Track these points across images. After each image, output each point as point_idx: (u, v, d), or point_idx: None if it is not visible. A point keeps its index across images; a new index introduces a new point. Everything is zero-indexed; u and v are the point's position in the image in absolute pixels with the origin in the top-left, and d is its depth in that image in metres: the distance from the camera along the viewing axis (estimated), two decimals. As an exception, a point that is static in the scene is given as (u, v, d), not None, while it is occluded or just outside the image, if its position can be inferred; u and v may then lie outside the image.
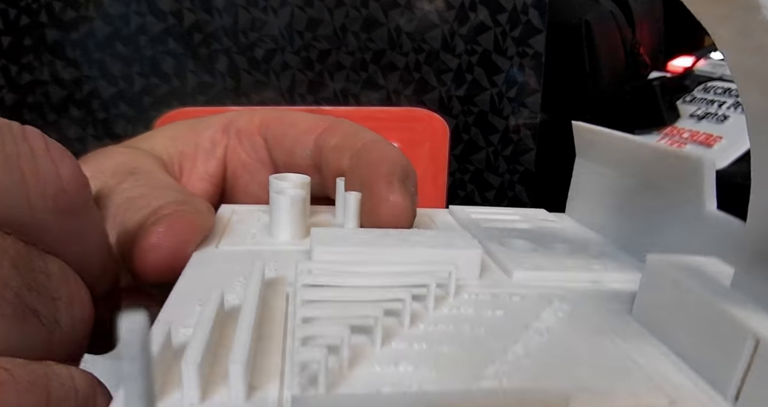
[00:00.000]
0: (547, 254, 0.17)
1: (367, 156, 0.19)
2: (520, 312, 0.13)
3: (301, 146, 0.22)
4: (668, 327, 0.12)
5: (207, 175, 0.23)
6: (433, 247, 0.15)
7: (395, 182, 0.18)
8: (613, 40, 0.69)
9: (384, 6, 0.59)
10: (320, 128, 0.22)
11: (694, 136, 0.58)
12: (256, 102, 0.60)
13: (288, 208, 0.17)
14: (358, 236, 0.15)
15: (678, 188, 0.17)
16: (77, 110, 0.61)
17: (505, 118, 0.62)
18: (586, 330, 0.13)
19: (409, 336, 0.12)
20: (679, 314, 0.12)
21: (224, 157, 0.24)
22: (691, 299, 0.12)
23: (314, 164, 0.22)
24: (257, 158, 0.24)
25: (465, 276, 0.15)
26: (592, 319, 0.13)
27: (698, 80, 0.64)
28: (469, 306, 0.14)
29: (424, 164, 0.48)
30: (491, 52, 0.60)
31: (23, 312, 0.11)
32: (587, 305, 0.14)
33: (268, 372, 0.10)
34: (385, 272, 0.13)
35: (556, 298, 0.14)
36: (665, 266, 0.13)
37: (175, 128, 0.24)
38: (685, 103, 0.63)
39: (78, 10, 0.58)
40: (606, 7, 0.68)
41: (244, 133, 0.24)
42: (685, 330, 0.12)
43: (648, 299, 0.13)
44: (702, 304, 0.11)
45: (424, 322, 0.13)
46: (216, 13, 0.59)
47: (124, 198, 0.17)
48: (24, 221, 0.12)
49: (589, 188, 0.22)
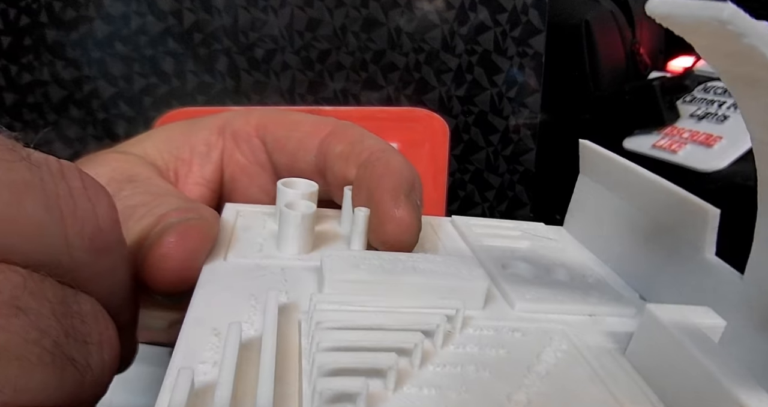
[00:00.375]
0: (548, 283, 0.18)
1: (373, 169, 0.19)
2: (521, 352, 0.14)
3: (304, 150, 0.22)
4: (659, 376, 0.13)
5: (203, 180, 0.23)
6: (442, 278, 0.16)
7: (401, 196, 0.18)
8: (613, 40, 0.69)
9: (384, 6, 0.59)
10: (324, 131, 0.21)
11: (694, 136, 0.58)
12: (256, 102, 0.60)
13: (298, 224, 0.18)
14: (367, 261, 0.16)
15: (680, 230, 0.17)
16: (77, 110, 0.61)
17: (505, 118, 0.62)
18: (582, 375, 0.14)
19: (419, 378, 0.13)
20: (669, 367, 0.13)
21: (221, 160, 0.23)
22: (683, 357, 0.12)
23: (318, 169, 0.22)
24: (255, 160, 0.23)
25: (470, 306, 0.16)
26: (588, 361, 0.14)
27: (698, 80, 0.64)
28: (474, 345, 0.15)
29: (424, 164, 0.48)
30: (491, 52, 0.60)
31: (61, 361, 0.11)
32: (585, 343, 0.15)
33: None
34: (397, 310, 0.14)
35: (555, 335, 0.15)
36: (661, 317, 0.14)
37: (168, 130, 0.24)
38: (685, 103, 0.63)
39: (78, 10, 0.58)
40: (606, 7, 0.68)
41: (240, 135, 0.23)
42: (674, 384, 0.13)
43: (642, 346, 0.14)
44: (692, 364, 0.12)
45: (433, 364, 0.14)
46: (216, 13, 0.59)
47: (123, 206, 0.17)
48: (61, 262, 0.12)
49: (589, 207, 0.22)
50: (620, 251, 0.20)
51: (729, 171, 0.51)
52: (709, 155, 0.53)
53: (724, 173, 0.51)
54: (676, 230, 0.17)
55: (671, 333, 0.13)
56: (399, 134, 0.47)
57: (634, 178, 0.19)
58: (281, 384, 0.12)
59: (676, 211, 0.17)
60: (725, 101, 0.59)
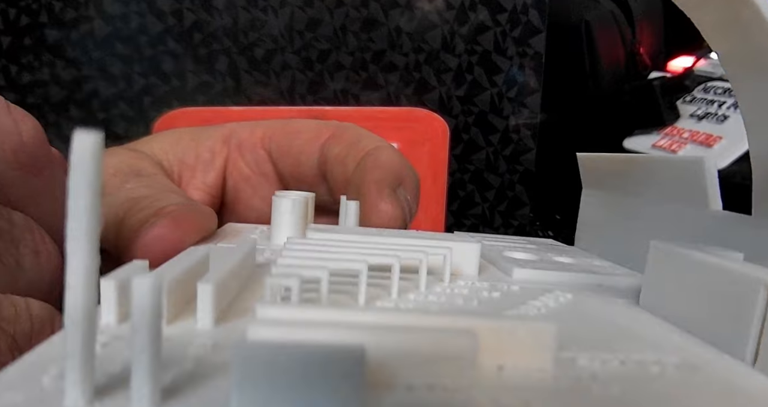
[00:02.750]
0: (550, 262, 0.17)
1: (363, 165, 0.19)
2: (518, 295, 0.13)
3: (306, 155, 0.22)
4: (677, 304, 0.12)
5: (205, 185, 0.23)
6: (431, 237, 0.15)
7: (385, 189, 0.18)
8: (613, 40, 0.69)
9: (384, 6, 0.59)
10: (325, 135, 0.22)
11: (694, 136, 0.58)
12: (256, 102, 0.60)
13: (289, 210, 0.17)
14: (353, 229, 0.16)
15: (683, 194, 0.17)
16: (77, 110, 0.61)
17: (505, 118, 0.62)
18: (588, 312, 0.13)
19: (396, 301, 0.12)
20: (687, 287, 0.12)
21: (223, 168, 0.23)
22: (700, 268, 0.11)
23: (321, 173, 0.22)
24: (260, 171, 0.23)
25: (462, 269, 0.15)
26: (595, 305, 0.13)
27: (698, 80, 0.64)
28: (464, 289, 0.13)
29: (424, 164, 0.48)
30: (491, 52, 0.60)
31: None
32: (592, 296, 0.14)
33: (244, 312, 0.10)
34: (376, 247, 0.13)
35: (558, 289, 0.14)
36: (671, 247, 0.13)
37: (176, 134, 0.24)
38: (685, 103, 0.63)
39: (78, 10, 0.58)
40: (606, 7, 0.68)
41: (246, 146, 0.23)
42: (696, 301, 0.11)
43: (655, 280, 0.13)
44: (710, 269, 0.11)
45: (414, 294, 0.12)
46: (216, 13, 0.59)
47: (127, 198, 0.17)
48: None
49: (596, 219, 0.22)
50: (632, 249, 0.19)
51: (729, 171, 0.51)
52: (709, 155, 0.53)
53: (724, 173, 0.51)
54: (680, 195, 0.17)
55: (686, 253, 0.12)
56: (399, 134, 0.47)
57: (629, 162, 0.19)
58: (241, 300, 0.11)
59: (675, 176, 0.17)
60: (725, 101, 0.59)
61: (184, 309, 0.10)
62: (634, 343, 0.10)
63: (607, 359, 0.09)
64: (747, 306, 0.10)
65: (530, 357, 0.09)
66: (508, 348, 0.08)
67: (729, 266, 0.11)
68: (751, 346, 0.10)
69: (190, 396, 0.07)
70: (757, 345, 0.10)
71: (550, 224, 0.64)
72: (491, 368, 0.08)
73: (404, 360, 0.07)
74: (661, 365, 0.09)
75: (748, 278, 0.10)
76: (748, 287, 0.10)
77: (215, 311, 0.09)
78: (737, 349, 0.10)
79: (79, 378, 0.07)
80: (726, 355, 0.10)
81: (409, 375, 0.08)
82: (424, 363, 0.07)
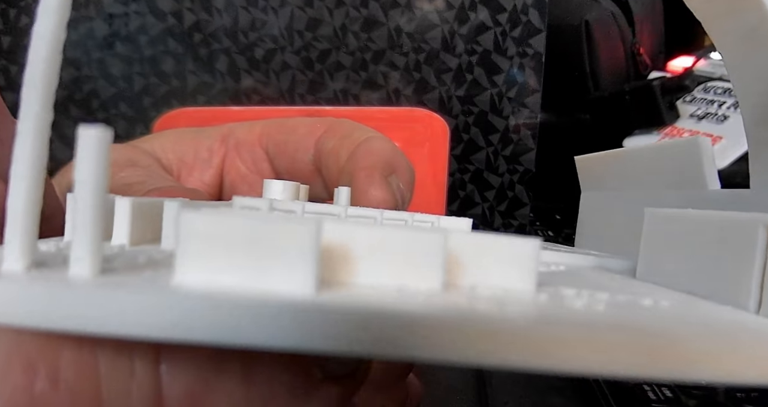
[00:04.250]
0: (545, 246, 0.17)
1: (356, 152, 0.19)
2: None
3: (302, 150, 0.22)
4: (676, 268, 0.11)
5: (202, 183, 0.23)
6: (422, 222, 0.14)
7: (376, 175, 0.18)
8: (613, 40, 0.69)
9: (384, 6, 0.59)
10: (320, 130, 0.22)
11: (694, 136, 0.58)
12: (256, 102, 0.60)
13: (279, 193, 0.17)
14: None
15: (680, 178, 0.16)
16: (77, 110, 0.61)
17: (505, 118, 0.62)
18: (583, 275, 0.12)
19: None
20: (685, 247, 0.11)
21: (221, 167, 0.24)
22: (696, 225, 0.11)
23: (316, 168, 0.22)
24: (257, 170, 0.24)
25: None
26: (591, 273, 0.13)
27: (698, 80, 0.64)
28: None
29: (424, 164, 0.48)
30: (491, 52, 0.60)
31: None
32: (587, 269, 0.13)
33: None
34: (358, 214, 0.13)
35: (553, 264, 0.14)
36: (666, 210, 0.12)
37: (176, 134, 0.24)
38: (685, 103, 0.63)
39: (78, 10, 0.58)
40: (606, 7, 0.68)
41: (243, 144, 0.24)
42: (695, 260, 0.11)
43: (652, 246, 0.13)
44: (707, 223, 0.10)
45: None
46: (216, 13, 0.59)
47: (120, 184, 0.18)
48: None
49: (596, 220, 0.22)
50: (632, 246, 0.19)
51: (729, 171, 0.51)
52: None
53: (724, 173, 0.51)
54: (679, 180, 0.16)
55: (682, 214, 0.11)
56: (399, 134, 0.47)
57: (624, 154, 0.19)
58: None
59: (672, 159, 0.16)
60: (725, 101, 0.59)
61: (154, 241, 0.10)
62: (630, 288, 0.10)
63: (595, 294, 0.09)
64: (747, 251, 0.09)
65: (507, 276, 0.08)
66: (483, 264, 0.08)
67: (726, 215, 0.10)
68: (754, 292, 0.09)
69: (133, 273, 0.07)
70: (760, 291, 0.09)
71: (550, 224, 0.64)
72: (464, 287, 0.08)
73: (369, 255, 0.07)
74: (654, 301, 0.09)
75: (745, 222, 0.09)
76: (746, 230, 0.09)
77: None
78: (741, 299, 0.09)
79: (19, 242, 0.06)
80: (727, 306, 0.10)
81: (373, 272, 0.07)
82: (391, 261, 0.07)
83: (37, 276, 0.06)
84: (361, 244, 0.07)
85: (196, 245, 0.06)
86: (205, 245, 0.06)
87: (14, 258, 0.06)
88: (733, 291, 0.09)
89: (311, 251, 0.06)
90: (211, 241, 0.06)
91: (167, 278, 0.06)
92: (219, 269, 0.06)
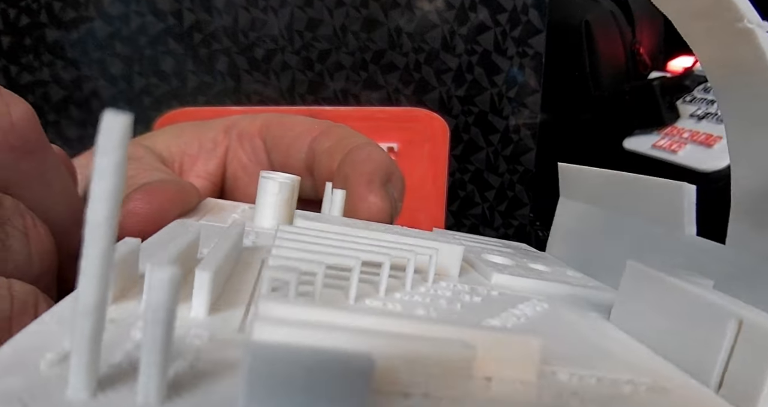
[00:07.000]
0: (526, 269, 0.18)
1: (353, 157, 0.20)
2: (498, 302, 0.14)
3: (296, 148, 0.23)
4: (648, 325, 0.12)
5: (206, 173, 0.24)
6: (416, 237, 0.15)
7: (375, 182, 0.18)
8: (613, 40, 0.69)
9: (384, 6, 0.59)
10: (316, 131, 0.22)
11: (694, 136, 0.58)
12: (256, 102, 0.60)
13: (275, 192, 0.17)
14: (341, 220, 0.16)
15: (659, 215, 0.17)
16: (77, 110, 0.61)
17: (505, 118, 0.62)
18: (564, 324, 0.13)
19: (384, 299, 0.12)
20: (659, 309, 0.12)
21: (224, 157, 0.24)
22: (674, 294, 0.12)
23: (307, 166, 0.22)
24: (257, 160, 0.24)
25: (445, 269, 0.15)
26: (570, 318, 0.14)
27: (698, 80, 0.64)
28: (446, 290, 0.14)
29: (424, 164, 0.48)
30: (491, 52, 0.60)
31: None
32: (566, 307, 0.14)
33: (235, 300, 0.10)
34: (366, 243, 0.13)
35: (534, 297, 0.15)
36: (646, 268, 0.13)
37: (178, 128, 0.25)
38: (685, 103, 0.63)
39: (78, 10, 0.58)
40: (606, 7, 0.68)
41: (245, 135, 0.24)
42: (666, 325, 0.12)
43: (628, 299, 0.13)
44: (684, 296, 0.11)
45: (400, 293, 0.13)
46: (216, 13, 0.59)
47: None
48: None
49: (570, 228, 0.22)
50: (604, 261, 0.19)
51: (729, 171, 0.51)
52: (709, 155, 0.53)
53: (724, 173, 0.51)
54: (657, 217, 0.17)
55: (659, 277, 0.12)
56: (399, 134, 0.47)
57: (609, 178, 0.19)
58: (231, 288, 0.11)
59: (654, 198, 0.17)
60: (725, 101, 0.59)
61: None
62: (609, 361, 0.11)
63: (584, 375, 0.10)
64: (717, 336, 0.10)
65: (516, 369, 0.09)
66: (497, 359, 0.09)
67: (702, 295, 0.11)
68: (716, 374, 0.10)
69: (194, 393, 0.07)
70: (722, 373, 0.10)
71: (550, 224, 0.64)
72: (481, 379, 0.09)
73: (405, 367, 0.08)
74: (633, 385, 0.10)
75: (720, 310, 0.10)
76: (720, 318, 0.10)
77: (211, 299, 0.09)
78: (703, 375, 0.10)
79: (84, 368, 0.06)
80: (692, 379, 0.11)
81: (408, 383, 0.08)
82: (423, 372, 0.08)
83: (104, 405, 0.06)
84: (401, 359, 0.08)
85: (262, 378, 0.06)
86: (271, 378, 0.06)
87: (79, 385, 0.06)
88: (697, 366, 0.10)
89: (365, 383, 0.06)
90: (276, 375, 0.06)
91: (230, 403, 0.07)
92: (282, 402, 0.06)
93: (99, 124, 0.06)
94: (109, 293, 0.09)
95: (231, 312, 0.10)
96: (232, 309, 0.10)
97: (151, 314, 0.06)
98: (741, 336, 0.10)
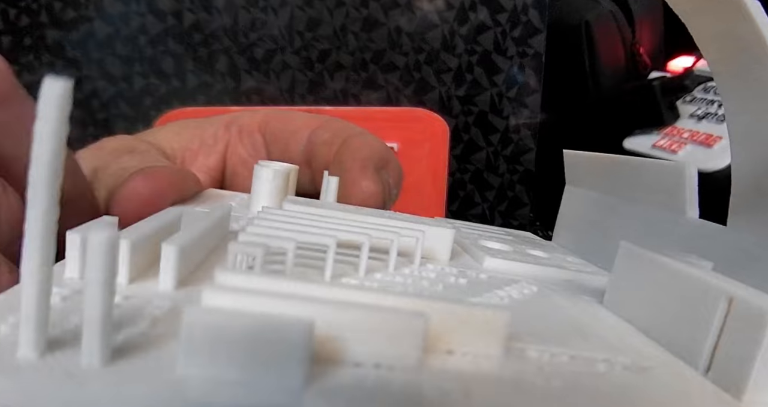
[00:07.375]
0: (522, 254, 0.17)
1: (349, 145, 0.20)
2: (484, 284, 0.13)
3: (295, 141, 0.23)
4: (639, 307, 0.12)
5: (206, 168, 0.24)
6: (406, 220, 0.15)
7: (369, 167, 0.18)
8: (613, 40, 0.69)
9: (384, 6, 0.59)
10: (314, 125, 0.23)
11: (694, 136, 0.58)
12: (256, 102, 0.60)
13: (269, 179, 0.17)
14: (331, 205, 0.15)
15: (662, 198, 0.17)
16: (77, 110, 0.61)
17: (505, 118, 0.62)
18: (550, 306, 0.13)
19: (362, 279, 0.12)
20: (651, 290, 0.12)
21: (224, 152, 0.25)
22: (665, 274, 0.11)
23: (306, 159, 0.23)
24: (256, 155, 0.24)
25: (434, 253, 0.15)
26: (558, 300, 0.13)
27: (698, 80, 0.64)
28: (431, 273, 0.13)
29: (424, 164, 0.48)
30: (491, 52, 0.60)
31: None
32: (558, 291, 0.14)
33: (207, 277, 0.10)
34: (349, 224, 0.13)
35: (524, 281, 0.14)
36: (640, 249, 0.12)
37: (180, 125, 0.25)
38: (685, 103, 0.63)
39: (78, 10, 0.58)
40: (606, 7, 0.68)
41: (245, 130, 0.25)
42: (657, 306, 0.11)
43: (621, 281, 0.13)
44: (676, 276, 0.11)
45: (382, 273, 0.12)
46: (216, 13, 0.59)
47: (117, 168, 0.18)
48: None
49: (576, 216, 0.22)
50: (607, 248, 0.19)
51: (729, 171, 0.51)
52: (709, 155, 0.53)
53: (724, 173, 0.51)
54: (659, 200, 0.17)
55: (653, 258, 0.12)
56: (399, 134, 0.47)
57: (613, 163, 0.19)
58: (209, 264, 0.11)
59: (656, 180, 0.17)
60: (725, 101, 0.59)
61: (150, 269, 0.10)
62: (589, 341, 0.10)
63: (556, 353, 0.09)
64: (707, 315, 0.10)
65: (480, 343, 0.09)
66: (459, 332, 0.08)
67: (694, 274, 0.11)
68: (705, 355, 0.10)
69: (139, 357, 0.07)
70: (712, 354, 0.10)
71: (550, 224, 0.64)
72: (440, 351, 0.08)
73: (354, 336, 0.07)
74: (609, 364, 0.09)
75: (711, 288, 0.10)
76: (710, 296, 0.10)
77: (178, 273, 0.09)
78: (693, 356, 0.10)
79: (33, 331, 0.06)
80: (679, 360, 0.10)
81: (357, 352, 0.08)
82: (372, 341, 0.07)
83: (50, 366, 0.06)
84: (348, 328, 0.08)
85: (197, 342, 0.06)
86: (208, 342, 0.06)
87: (28, 347, 0.07)
88: (687, 348, 0.10)
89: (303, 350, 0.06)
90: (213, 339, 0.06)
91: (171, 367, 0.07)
92: (219, 366, 0.06)
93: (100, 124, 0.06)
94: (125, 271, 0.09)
95: (200, 287, 0.10)
96: (202, 284, 0.10)
97: (90, 275, 0.06)
98: (731, 314, 0.09)
